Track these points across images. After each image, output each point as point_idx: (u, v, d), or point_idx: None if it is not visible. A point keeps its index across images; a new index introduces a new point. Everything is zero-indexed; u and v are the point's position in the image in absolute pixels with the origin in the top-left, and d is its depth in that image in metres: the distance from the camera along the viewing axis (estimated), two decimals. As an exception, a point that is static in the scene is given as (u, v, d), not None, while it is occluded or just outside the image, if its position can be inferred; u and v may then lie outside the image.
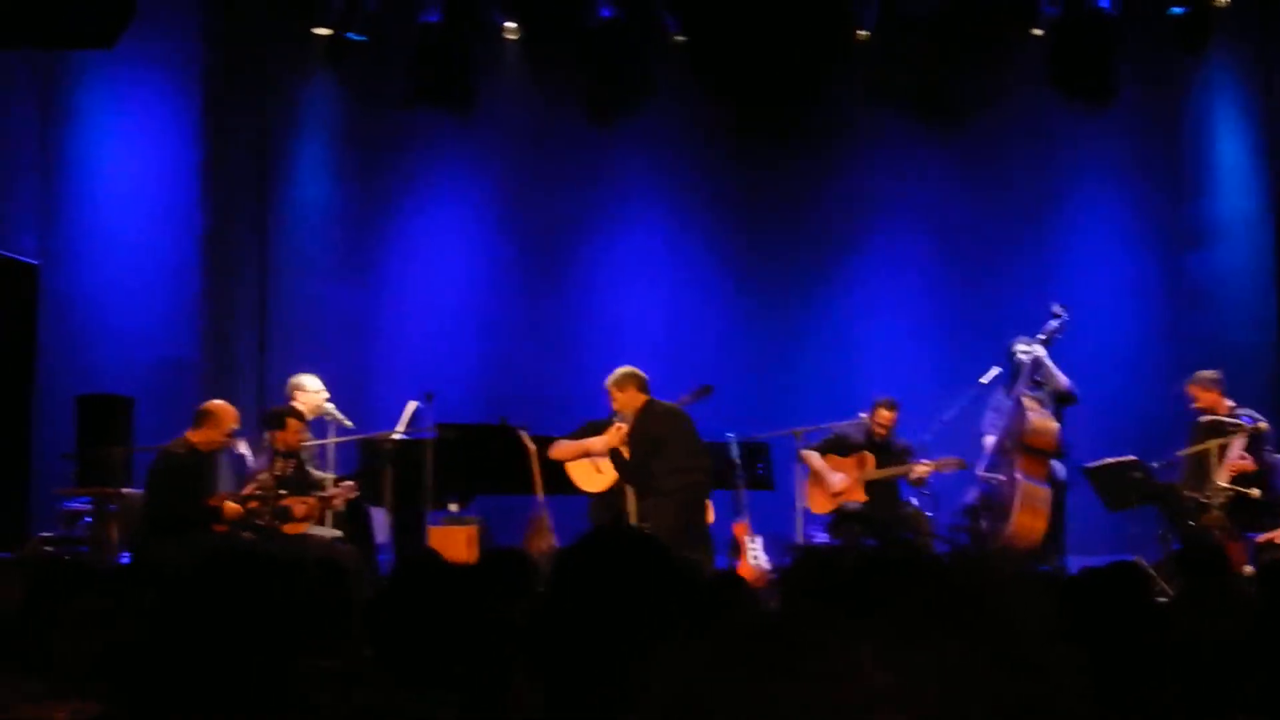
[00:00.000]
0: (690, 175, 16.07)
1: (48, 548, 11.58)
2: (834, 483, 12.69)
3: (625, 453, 11.75)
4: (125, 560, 11.11)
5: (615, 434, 11.72)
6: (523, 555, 5.41)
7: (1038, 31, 15.37)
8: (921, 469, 12.57)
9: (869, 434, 12.85)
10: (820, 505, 12.73)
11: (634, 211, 16.08)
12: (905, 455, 12.77)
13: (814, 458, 12.82)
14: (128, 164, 13.88)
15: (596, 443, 12.05)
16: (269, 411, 12.04)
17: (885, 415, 12.84)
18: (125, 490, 11.53)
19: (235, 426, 11.21)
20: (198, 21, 14.70)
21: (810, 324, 15.81)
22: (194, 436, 10.95)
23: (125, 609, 3.64)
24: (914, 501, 12.85)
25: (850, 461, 12.79)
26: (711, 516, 11.82)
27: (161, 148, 14.29)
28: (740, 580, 6.01)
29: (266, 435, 11.61)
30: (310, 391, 12.45)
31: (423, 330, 15.75)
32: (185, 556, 8.33)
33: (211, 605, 3.24)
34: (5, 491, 12.31)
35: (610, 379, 11.79)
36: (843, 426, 12.99)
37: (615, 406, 11.77)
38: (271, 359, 15.25)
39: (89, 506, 12.00)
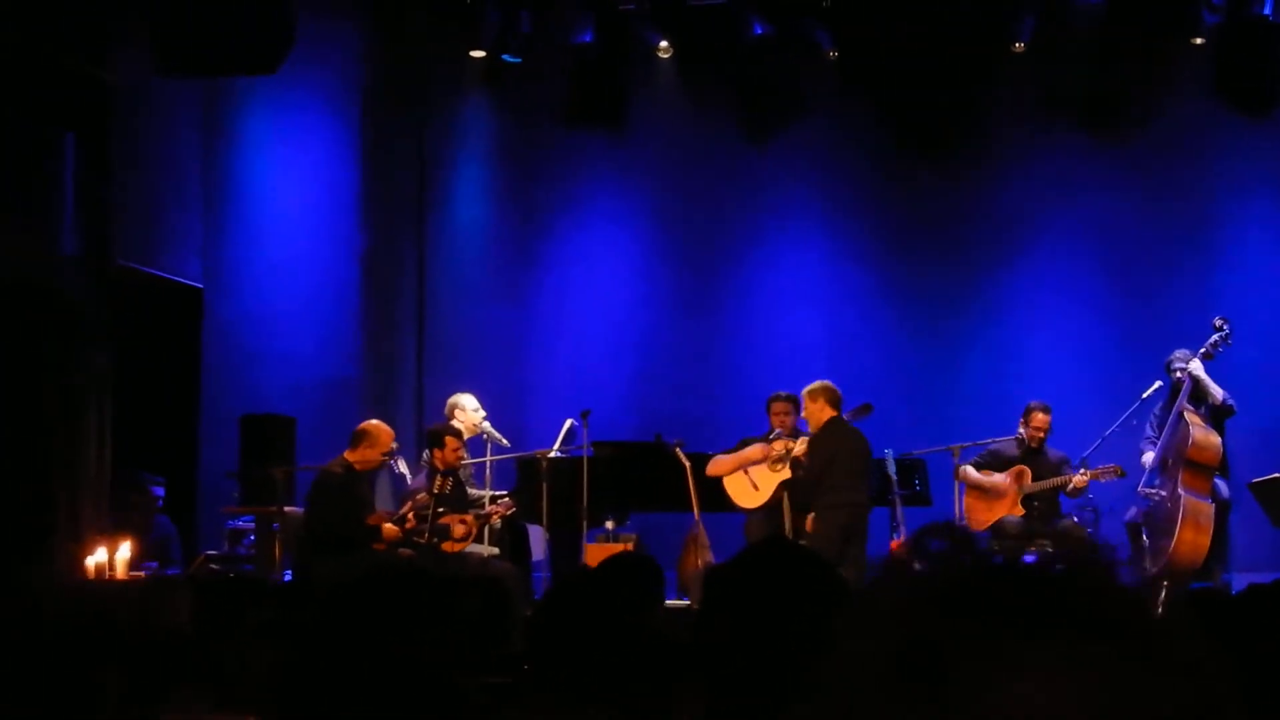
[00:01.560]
0: (846, 191, 15.99)
1: (214, 566, 11.79)
2: (998, 485, 12.57)
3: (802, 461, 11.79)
4: (288, 578, 11.29)
5: (801, 444, 11.76)
6: (646, 560, 5.43)
7: (1199, 40, 15.09)
8: (1080, 479, 12.38)
9: (1024, 443, 12.70)
10: (980, 522, 12.61)
11: (789, 229, 16.04)
12: (1062, 466, 12.61)
13: (970, 472, 12.71)
14: (289, 187, 14.09)
15: (754, 452, 12.07)
16: (429, 430, 12.18)
17: (1040, 418, 12.68)
18: (288, 509, 11.70)
19: (392, 446, 11.34)
20: (356, 46, 14.93)
21: (968, 340, 15.66)
22: (351, 456, 11.10)
23: (290, 625, 3.70)
24: (1074, 517, 12.69)
25: (1007, 477, 12.66)
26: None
27: (322, 170, 14.50)
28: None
29: (425, 453, 11.75)
30: (469, 410, 12.58)
31: (579, 349, 15.83)
32: (345, 574, 8.44)
33: (374, 621, 3.28)
34: (173, 511, 12.57)
35: (806, 387, 11.84)
36: (997, 443, 12.87)
37: (802, 414, 11.81)
38: (430, 378, 15.44)
39: (253, 525, 12.21)
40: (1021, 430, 12.71)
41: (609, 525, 12.87)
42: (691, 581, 12.01)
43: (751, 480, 12.18)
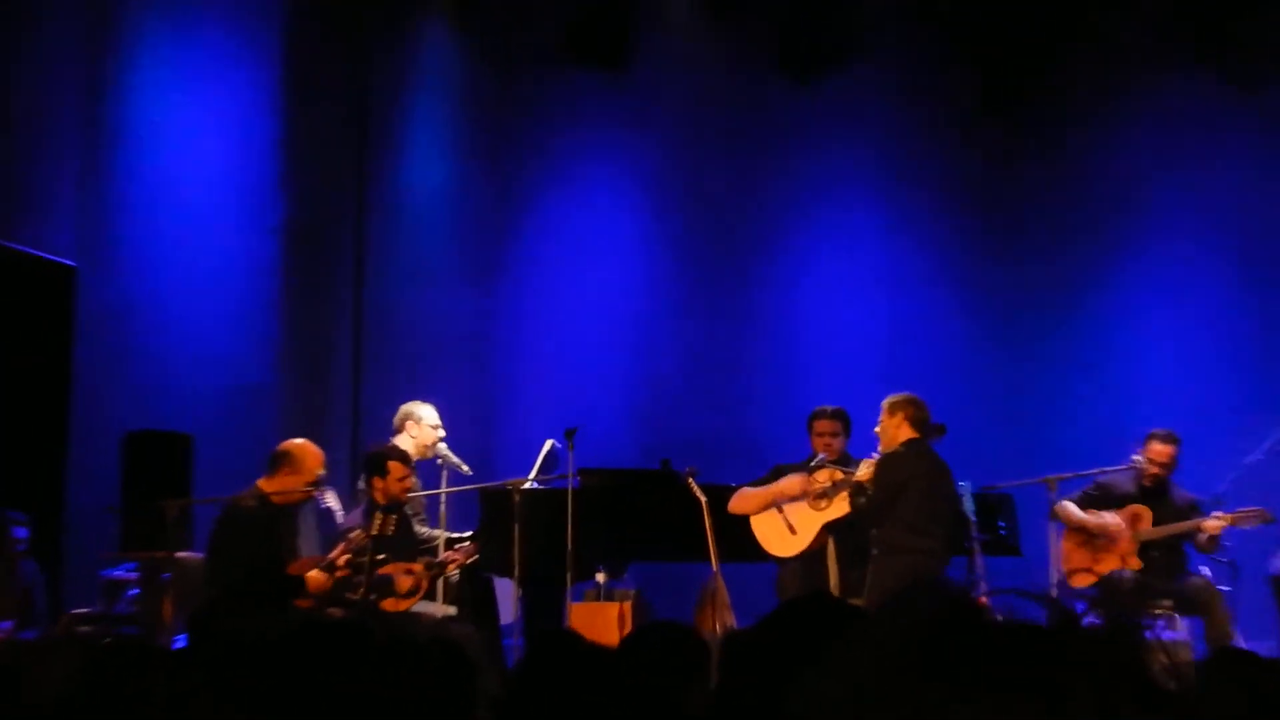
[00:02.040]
0: (910, 150, 15.98)
1: (83, 627, 11.74)
2: (1107, 526, 12.52)
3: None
4: (181, 643, 11.27)
5: (866, 466, 11.72)
6: (687, 631, 5.44)
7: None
8: (1213, 524, 12.29)
9: (1140, 478, 12.65)
10: (1083, 574, 12.55)
11: (836, 197, 16.03)
12: (1191, 512, 12.53)
13: (1072, 509, 12.65)
14: (189, 141, 14.03)
15: (791, 485, 12.04)
16: (368, 453, 12.15)
17: (1160, 450, 12.60)
18: (181, 554, 11.67)
19: (320, 472, 11.30)
20: (278, -41, 14.92)
21: (1066, 345, 15.65)
22: (267, 486, 11.06)
23: (190, 700, 3.70)
24: (1205, 571, 12.63)
25: (1120, 518, 12.63)
26: None
27: (232, 120, 14.44)
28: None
29: (362, 483, 11.72)
30: (425, 424, 12.55)
31: (564, 350, 15.83)
32: (258, 636, 8.39)
33: (297, 697, 3.28)
34: (38, 555, 12.47)
35: (888, 398, 11.80)
36: (1109, 474, 12.80)
37: (876, 429, 11.78)
38: (368, 387, 15.40)
39: (136, 575, 12.17)
40: (1136, 458, 12.64)
41: (600, 578, 12.85)
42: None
43: (787, 521, 12.16)
